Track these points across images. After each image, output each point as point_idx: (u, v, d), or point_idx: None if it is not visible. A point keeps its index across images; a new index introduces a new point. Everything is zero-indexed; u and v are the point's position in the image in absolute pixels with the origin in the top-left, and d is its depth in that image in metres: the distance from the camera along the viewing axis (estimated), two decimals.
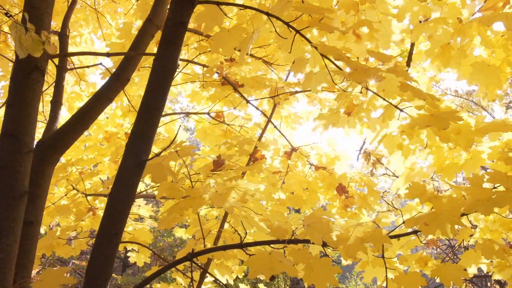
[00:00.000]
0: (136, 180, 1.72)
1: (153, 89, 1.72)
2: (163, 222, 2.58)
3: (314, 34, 2.91)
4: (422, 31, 2.66)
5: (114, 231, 1.67)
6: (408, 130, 2.46)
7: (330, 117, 2.67)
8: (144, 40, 3.04)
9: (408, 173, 2.88)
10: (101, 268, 1.64)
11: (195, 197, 2.18)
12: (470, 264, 2.70)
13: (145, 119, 1.72)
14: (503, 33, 2.78)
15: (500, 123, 2.43)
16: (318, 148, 4.04)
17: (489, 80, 2.84)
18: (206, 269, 2.91)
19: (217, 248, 2.17)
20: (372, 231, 2.24)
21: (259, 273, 1.88)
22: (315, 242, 2.03)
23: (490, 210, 2.07)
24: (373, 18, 2.68)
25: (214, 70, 3.31)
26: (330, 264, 2.04)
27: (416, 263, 2.60)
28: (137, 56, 2.95)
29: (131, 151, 1.72)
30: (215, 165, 3.22)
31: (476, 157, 2.79)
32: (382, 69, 2.02)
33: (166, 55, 1.72)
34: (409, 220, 2.18)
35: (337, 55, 2.05)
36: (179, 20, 1.72)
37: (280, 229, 2.10)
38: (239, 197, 2.22)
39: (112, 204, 1.69)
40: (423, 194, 2.25)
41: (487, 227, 2.91)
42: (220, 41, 2.18)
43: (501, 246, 2.41)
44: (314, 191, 4.19)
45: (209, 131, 4.30)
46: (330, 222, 2.17)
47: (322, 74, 2.24)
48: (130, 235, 4.00)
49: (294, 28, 2.08)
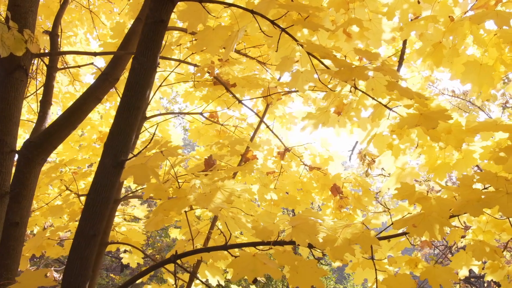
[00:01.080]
0: (114, 180, 1.69)
1: (132, 87, 1.69)
2: (150, 223, 2.55)
3: (305, 33, 2.88)
4: (413, 29, 2.62)
5: (92, 232, 1.64)
6: (398, 130, 2.42)
7: (319, 117, 2.64)
8: (133, 39, 3.01)
9: (399, 173, 2.85)
10: (78, 270, 1.61)
11: (179, 198, 2.15)
12: (462, 266, 2.66)
13: (124, 118, 1.69)
14: (496, 32, 2.74)
15: (491, 122, 2.39)
16: (312, 148, 4.01)
17: (481, 79, 2.80)
18: (195, 271, 2.88)
19: (200, 250, 2.14)
20: (360, 233, 2.21)
21: (242, 275, 1.85)
22: (300, 243, 2.00)
23: (479, 211, 2.03)
24: (363, 17, 2.64)
25: (205, 69, 3.27)
26: (316, 266, 2.00)
27: (406, 264, 2.56)
28: (126, 55, 2.92)
29: (110, 150, 1.69)
30: (206, 165, 3.19)
31: (468, 157, 2.75)
32: (368, 68, 1.98)
33: (145, 54, 1.69)
34: (397, 221, 2.14)
35: (323, 53, 2.01)
36: (159, 18, 1.70)
37: (266, 230, 2.06)
38: (224, 198, 2.19)
39: (90, 205, 1.67)
40: (412, 195, 2.22)
41: (480, 228, 2.87)
42: (205, 39, 2.15)
43: (492, 247, 2.37)
44: (308, 191, 4.15)
45: (203, 131, 4.27)
46: (317, 224, 2.13)
47: (309, 73, 2.21)
48: (123, 236, 3.97)
49: (279, 26, 2.05)
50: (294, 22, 2.10)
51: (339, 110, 2.64)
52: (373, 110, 2.39)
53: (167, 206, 2.16)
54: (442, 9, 2.68)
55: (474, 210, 2.04)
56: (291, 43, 2.52)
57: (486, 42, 2.81)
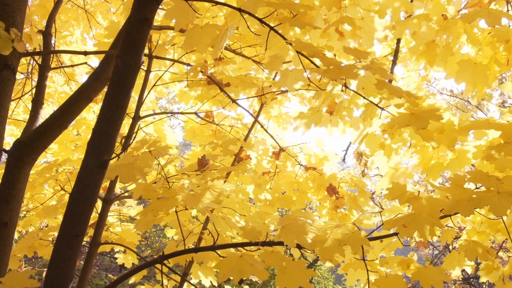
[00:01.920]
0: (97, 180, 1.67)
1: (116, 86, 1.68)
2: (140, 223, 2.53)
3: (297, 32, 2.86)
4: (406, 27, 2.60)
5: (74, 233, 1.63)
6: (389, 129, 2.39)
7: (312, 116, 2.62)
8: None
9: (392, 173, 2.82)
10: (61, 271, 1.60)
11: (168, 198, 2.13)
12: (454, 267, 2.63)
13: (107, 118, 1.67)
14: (490, 31, 2.71)
15: (484, 121, 2.37)
16: (307, 148, 3.99)
17: (475, 78, 2.77)
18: (187, 271, 2.86)
19: (188, 250, 2.12)
20: (351, 233, 2.19)
21: (228, 276, 1.83)
22: (288, 244, 1.97)
23: (470, 211, 2.01)
24: (356, 15, 2.62)
25: (198, 69, 3.26)
26: (304, 267, 1.98)
27: (398, 265, 2.53)
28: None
29: (93, 150, 1.67)
30: (199, 165, 3.17)
31: (462, 156, 2.72)
32: (357, 66, 1.96)
33: (128, 52, 1.67)
34: (388, 221, 2.12)
35: (312, 52, 2.00)
36: (143, 17, 1.68)
37: (254, 231, 2.04)
38: (213, 198, 2.17)
39: (72, 205, 1.65)
40: (403, 195, 2.20)
41: (474, 229, 2.85)
42: (193, 38, 2.13)
43: (484, 248, 2.34)
44: (304, 192, 4.13)
45: (198, 131, 4.25)
46: (306, 224, 2.11)
47: (298, 72, 2.19)
48: (118, 236, 3.96)
49: (268, 25, 2.03)
50: (282, 20, 2.08)
51: (331, 110, 2.62)
52: (364, 109, 2.37)
53: (156, 206, 2.14)
54: (435, 7, 2.66)
55: (465, 210, 2.01)
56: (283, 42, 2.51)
57: (480, 41, 2.79)
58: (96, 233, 3.15)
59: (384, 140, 2.59)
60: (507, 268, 2.86)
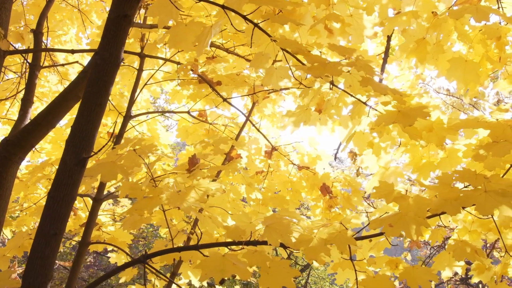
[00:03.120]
0: (76, 178, 1.65)
1: (94, 84, 1.66)
2: (127, 223, 2.51)
3: (286, 29, 2.84)
4: (395, 25, 2.58)
5: (52, 231, 1.61)
6: (378, 128, 2.37)
7: (300, 115, 2.60)
8: None
9: (382, 172, 2.80)
10: (39, 270, 1.58)
11: (152, 197, 2.11)
12: (444, 267, 2.60)
13: (85, 116, 1.66)
14: (481, 28, 2.69)
15: (473, 120, 2.34)
16: (300, 147, 3.96)
17: (467, 76, 2.74)
18: (176, 271, 2.84)
19: (171, 250, 2.10)
20: (337, 232, 2.16)
21: (210, 275, 1.81)
22: (272, 243, 1.95)
23: (457, 210, 1.98)
24: (344, 13, 2.60)
25: (188, 67, 3.23)
26: (288, 267, 1.96)
27: (386, 265, 2.51)
28: None
29: (71, 148, 1.65)
30: (190, 164, 3.15)
31: (453, 155, 2.70)
32: (342, 63, 1.94)
33: (107, 49, 1.65)
34: (374, 221, 2.09)
35: (296, 48, 1.97)
36: (122, 13, 1.66)
37: (238, 230, 2.02)
38: (198, 196, 2.15)
39: (50, 203, 1.63)
40: (390, 194, 2.17)
41: (465, 228, 2.82)
42: (178, 35, 2.11)
43: (472, 247, 2.32)
44: (297, 191, 4.11)
45: (191, 130, 4.23)
46: (291, 223, 2.09)
47: (283, 70, 2.17)
48: (110, 236, 3.94)
49: (252, 22, 2.01)
50: (265, 17, 2.05)
51: (320, 108, 2.59)
52: (352, 107, 2.34)
53: (140, 205, 2.12)
54: (425, 4, 2.63)
55: (451, 209, 1.99)
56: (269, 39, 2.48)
57: (471, 38, 2.76)
58: (85, 232, 3.13)
59: (373, 138, 2.56)
60: (499, 268, 2.83)
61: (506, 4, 2.55)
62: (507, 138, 2.14)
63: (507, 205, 1.90)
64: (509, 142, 2.10)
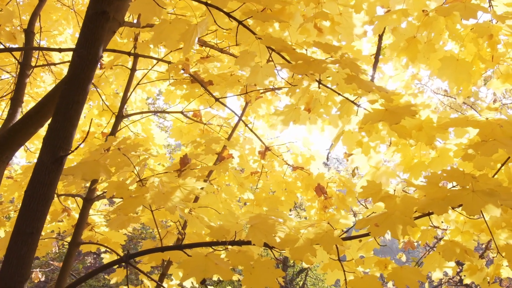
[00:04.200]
0: (53, 176, 1.63)
1: (72, 81, 1.64)
2: (113, 223, 2.49)
3: (276, 28, 2.82)
4: (385, 23, 2.55)
5: (29, 230, 1.59)
6: (367, 127, 2.34)
7: (289, 113, 2.57)
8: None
9: (373, 172, 2.77)
10: (15, 270, 1.56)
11: (136, 197, 2.09)
12: (435, 268, 2.57)
13: (63, 113, 1.64)
14: (472, 26, 2.65)
15: (463, 118, 2.31)
16: (294, 147, 3.94)
17: (458, 75, 2.71)
18: (165, 272, 2.82)
19: (153, 250, 2.07)
20: (324, 232, 2.14)
21: (191, 276, 1.79)
22: (256, 243, 1.93)
23: (444, 210, 1.95)
24: (334, 11, 2.57)
25: (179, 67, 3.22)
26: (272, 267, 1.93)
27: (375, 266, 2.48)
28: None
29: (48, 146, 1.63)
30: (181, 165, 3.14)
31: (444, 155, 2.67)
32: (326, 61, 1.91)
33: (85, 46, 1.63)
34: (360, 221, 2.06)
35: (280, 46, 1.95)
36: (100, 10, 1.64)
37: (222, 230, 1.99)
38: (183, 196, 2.13)
39: (27, 202, 1.61)
40: (377, 194, 2.14)
41: (458, 229, 2.78)
42: (162, 33, 2.09)
43: (462, 248, 2.28)
44: (292, 192, 4.09)
45: (186, 130, 4.22)
46: (276, 223, 2.06)
47: (269, 68, 2.14)
48: (103, 236, 3.92)
49: (236, 19, 1.99)
50: (248, 14, 2.03)
51: (309, 107, 2.57)
52: (340, 106, 2.32)
53: (124, 205, 2.10)
54: (415, 2, 2.60)
55: (439, 209, 1.96)
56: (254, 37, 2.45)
57: (462, 37, 2.73)
58: (76, 233, 3.12)
59: (362, 138, 2.53)
60: (492, 269, 2.80)
61: (497, 2, 2.52)
62: (496, 137, 2.11)
63: (494, 204, 1.87)
64: (498, 141, 2.06)
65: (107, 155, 2.11)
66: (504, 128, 2.15)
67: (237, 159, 3.66)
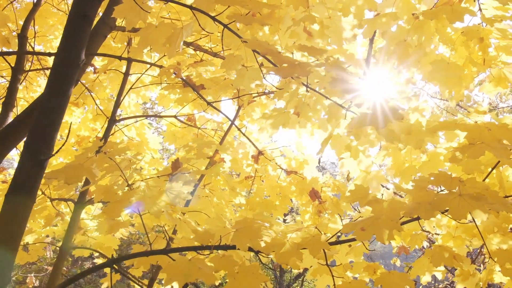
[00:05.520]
0: (34, 180, 1.62)
1: (53, 84, 1.63)
2: (102, 227, 2.48)
3: (266, 32, 2.82)
4: (374, 27, 2.54)
5: (8, 235, 1.58)
6: (354, 130, 2.33)
7: (278, 117, 2.56)
8: (95, 40, 2.97)
9: (364, 176, 2.75)
10: None
11: (121, 201, 2.08)
12: (424, 272, 2.54)
13: (44, 117, 1.63)
14: (462, 30, 2.65)
15: (451, 122, 2.30)
16: (288, 152, 3.93)
17: (449, 78, 2.70)
18: (154, 277, 2.80)
19: (138, 254, 2.06)
20: (311, 237, 2.12)
21: (174, 280, 1.77)
22: (240, 248, 1.91)
23: (431, 214, 1.93)
24: (323, 14, 2.57)
25: (171, 71, 3.21)
26: (257, 272, 1.91)
27: (364, 271, 2.46)
28: (88, 56, 2.87)
29: (29, 149, 1.62)
30: (173, 169, 3.12)
31: (434, 159, 2.65)
32: (311, 64, 1.90)
33: (66, 49, 1.63)
34: (346, 225, 2.05)
35: (265, 49, 1.94)
36: (82, 13, 1.64)
37: (207, 234, 1.98)
38: (169, 200, 2.12)
39: (7, 206, 1.60)
40: (364, 198, 2.13)
41: (449, 234, 2.76)
42: (148, 37, 2.08)
43: (451, 253, 2.26)
44: (286, 196, 4.07)
45: (180, 135, 4.21)
46: (262, 227, 2.05)
47: (255, 71, 2.13)
48: (95, 241, 3.91)
49: (221, 23, 1.98)
50: (233, 18, 2.02)
51: (298, 111, 2.56)
52: (328, 109, 2.31)
53: (109, 209, 2.08)
54: (405, 6, 2.59)
55: (425, 213, 1.94)
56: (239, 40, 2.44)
57: (453, 40, 2.72)
58: (66, 237, 3.10)
59: (350, 141, 2.52)
60: (484, 275, 2.77)
61: (486, 5, 2.51)
62: (484, 140, 2.09)
63: (480, 209, 1.86)
64: (485, 144, 2.05)
65: (93, 159, 2.10)
66: (492, 131, 2.13)
67: (228, 163, 3.65)
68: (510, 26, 2.50)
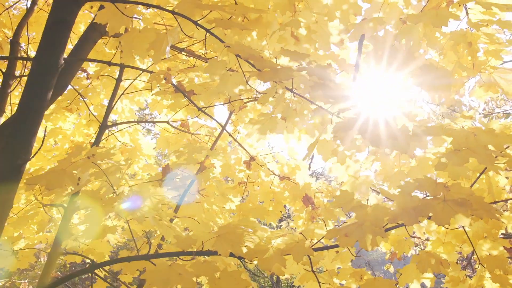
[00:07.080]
0: (11, 185, 1.62)
1: (31, 89, 1.63)
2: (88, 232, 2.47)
3: (254, 37, 2.82)
4: (361, 31, 2.53)
5: None
6: (340, 134, 2.31)
7: (265, 122, 2.55)
8: (85, 46, 2.98)
9: (352, 181, 2.74)
10: None
11: (105, 206, 2.07)
12: (412, 279, 2.52)
13: (21, 122, 1.63)
14: (450, 34, 2.64)
15: (438, 127, 2.28)
16: (280, 157, 3.91)
17: (438, 84, 2.68)
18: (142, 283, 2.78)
19: (119, 259, 2.05)
20: (295, 243, 2.10)
21: (154, 286, 1.75)
22: (222, 253, 1.90)
23: (414, 220, 1.92)
24: (310, 19, 2.57)
25: (161, 76, 3.21)
26: (239, 277, 1.90)
27: (351, 277, 2.43)
28: (76, 62, 2.88)
29: (6, 154, 1.62)
30: (163, 174, 3.12)
31: (423, 164, 2.64)
32: (293, 69, 1.90)
33: (44, 54, 1.63)
34: (330, 231, 2.03)
35: (248, 54, 1.94)
36: (60, 18, 1.64)
37: (188, 239, 1.97)
38: (152, 205, 2.11)
39: None
40: (349, 203, 2.11)
41: (439, 240, 2.74)
42: (133, 42, 2.08)
43: (438, 259, 2.24)
44: (280, 202, 4.05)
45: (173, 140, 4.20)
46: (245, 233, 2.03)
47: (238, 76, 2.13)
48: (87, 247, 3.89)
49: (204, 28, 1.98)
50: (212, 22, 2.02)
51: (285, 116, 2.55)
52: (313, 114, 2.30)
53: (92, 214, 2.08)
54: (392, 11, 2.59)
55: (409, 219, 1.92)
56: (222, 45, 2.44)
57: (442, 45, 2.71)
58: (56, 242, 3.08)
59: (337, 146, 2.51)
60: (475, 281, 2.74)
61: (474, 10, 2.50)
62: (470, 146, 2.07)
63: (463, 214, 1.84)
64: (470, 150, 2.03)
65: (77, 164, 2.10)
66: (478, 137, 2.12)
67: (219, 168, 3.64)
68: (497, 31, 2.49)
